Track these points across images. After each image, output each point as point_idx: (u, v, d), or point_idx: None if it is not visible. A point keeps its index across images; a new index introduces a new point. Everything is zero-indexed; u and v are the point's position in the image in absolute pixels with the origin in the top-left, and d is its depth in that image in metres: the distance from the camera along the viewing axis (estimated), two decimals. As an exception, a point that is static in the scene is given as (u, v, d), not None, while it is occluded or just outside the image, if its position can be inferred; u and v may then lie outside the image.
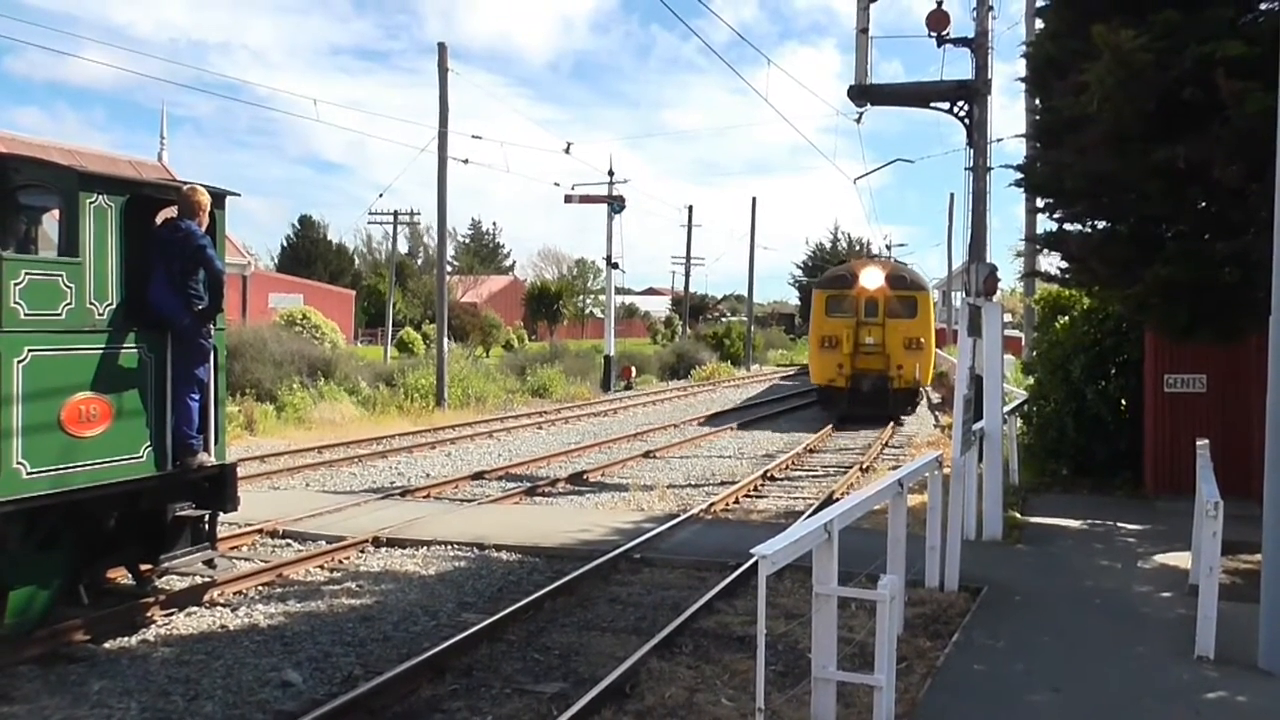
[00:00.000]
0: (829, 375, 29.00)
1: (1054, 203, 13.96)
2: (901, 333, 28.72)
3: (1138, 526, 13.04)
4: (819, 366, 29.65)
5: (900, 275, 30.90)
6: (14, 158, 9.28)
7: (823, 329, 29.45)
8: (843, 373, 28.53)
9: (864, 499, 7.40)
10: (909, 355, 28.44)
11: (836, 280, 30.66)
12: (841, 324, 28.76)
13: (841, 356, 28.43)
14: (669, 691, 7.21)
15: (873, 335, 28.56)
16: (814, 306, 30.49)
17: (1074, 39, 11.37)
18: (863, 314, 28.86)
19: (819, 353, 29.51)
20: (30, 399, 7.55)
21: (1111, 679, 7.34)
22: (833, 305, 29.53)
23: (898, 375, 28.43)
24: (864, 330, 28.72)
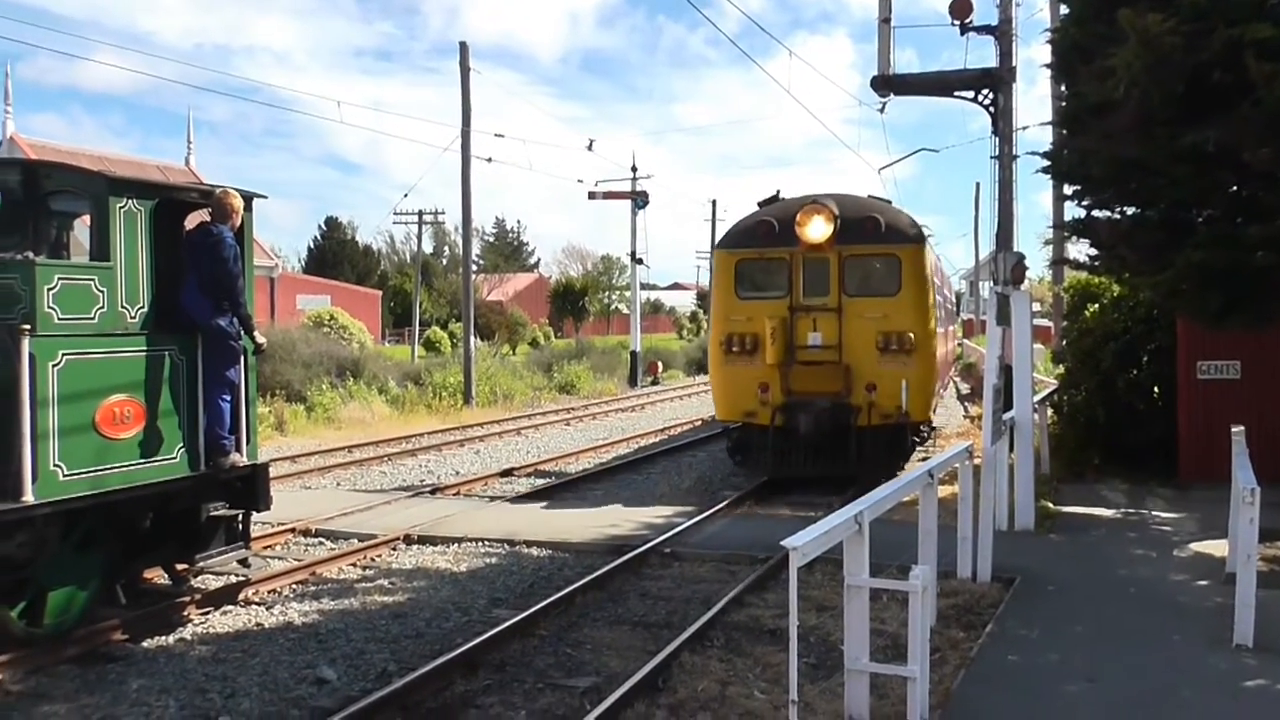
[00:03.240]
0: (743, 405, 15.75)
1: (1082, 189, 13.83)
2: (873, 323, 15.25)
3: (1172, 515, 12.92)
4: (725, 389, 16.13)
5: (868, 218, 15.71)
6: (45, 164, 9.40)
7: (728, 322, 15.97)
8: (766, 400, 15.46)
9: (894, 490, 7.37)
10: (888, 364, 15.15)
11: (753, 233, 16.16)
12: (763, 312, 15.50)
13: (763, 371, 15.41)
14: (701, 685, 7.21)
15: (820, 330, 15.42)
16: (715, 281, 17.13)
17: (1100, 24, 11.24)
18: (801, 291, 15.60)
19: (724, 365, 15.96)
20: (65, 402, 7.64)
21: (1148, 668, 7.28)
22: (747, 278, 16.14)
23: (867, 402, 15.15)
24: (803, 322, 15.52)
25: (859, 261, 15.43)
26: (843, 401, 14.95)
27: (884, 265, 15.45)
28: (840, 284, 15.28)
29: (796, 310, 15.39)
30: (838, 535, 5.95)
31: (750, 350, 15.37)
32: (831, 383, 15.05)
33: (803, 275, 15.42)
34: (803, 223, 15.17)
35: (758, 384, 15.30)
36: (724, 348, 15.69)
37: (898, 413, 14.92)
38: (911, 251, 15.38)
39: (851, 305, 15.20)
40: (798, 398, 15.10)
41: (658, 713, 6.84)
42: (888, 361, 14.92)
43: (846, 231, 15.16)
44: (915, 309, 15.27)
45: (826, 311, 15.24)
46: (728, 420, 16.32)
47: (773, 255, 15.65)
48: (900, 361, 14.91)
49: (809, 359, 15.19)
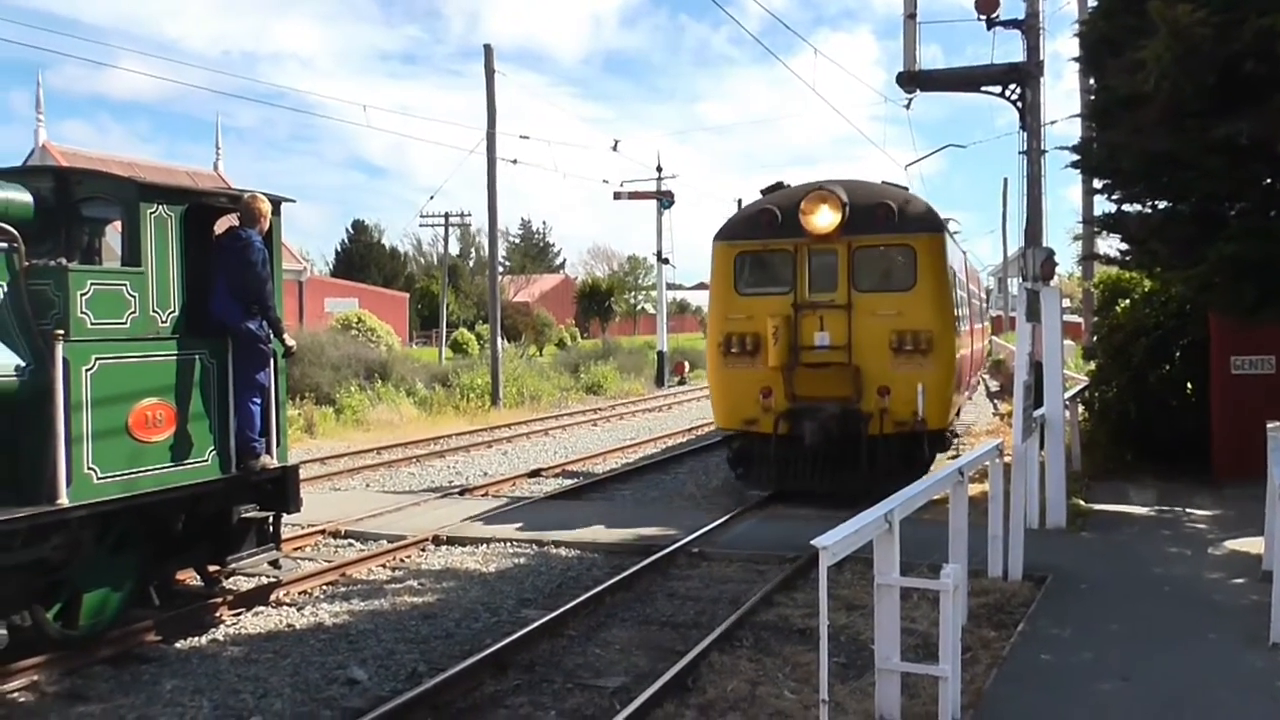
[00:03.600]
0: (743, 412, 14.47)
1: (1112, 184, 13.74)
2: (886, 321, 14.02)
3: (1206, 512, 12.78)
4: (724, 395, 14.86)
5: (879, 205, 14.41)
6: (76, 171, 9.50)
7: (727, 320, 14.74)
8: (769, 406, 14.27)
9: (924, 488, 7.32)
10: (902, 366, 13.91)
11: (754, 223, 15.01)
12: (764, 309, 14.31)
13: (765, 375, 14.25)
14: (731, 685, 7.19)
15: (827, 329, 14.20)
16: (713, 276, 15.35)
17: (1129, 15, 11.16)
18: (806, 286, 14.39)
19: (723, 367, 14.75)
20: (99, 406, 7.71)
21: (1183, 667, 7.20)
22: (748, 272, 14.96)
23: (880, 408, 13.91)
24: (809, 320, 14.24)
25: (870, 253, 14.19)
26: (852, 408, 13.74)
27: (898, 257, 14.21)
28: (850, 278, 14.02)
29: (801, 307, 14.13)
30: (868, 534, 5.93)
31: (751, 351, 14.16)
32: (840, 387, 13.80)
33: (808, 269, 14.23)
34: (808, 211, 13.93)
35: (759, 388, 14.09)
36: (722, 349, 14.47)
37: (913, 420, 13.62)
38: (928, 241, 14.03)
39: (862, 301, 13.92)
40: (803, 403, 13.91)
41: (687, 713, 6.83)
42: (902, 363, 13.67)
43: (856, 220, 13.94)
44: (933, 305, 13.93)
45: (834, 308, 13.99)
46: (727, 428, 14.91)
47: (775, 247, 14.38)
48: (916, 363, 13.63)
49: (815, 361, 13.95)
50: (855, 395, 13.74)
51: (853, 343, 13.84)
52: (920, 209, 14.42)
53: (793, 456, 13.97)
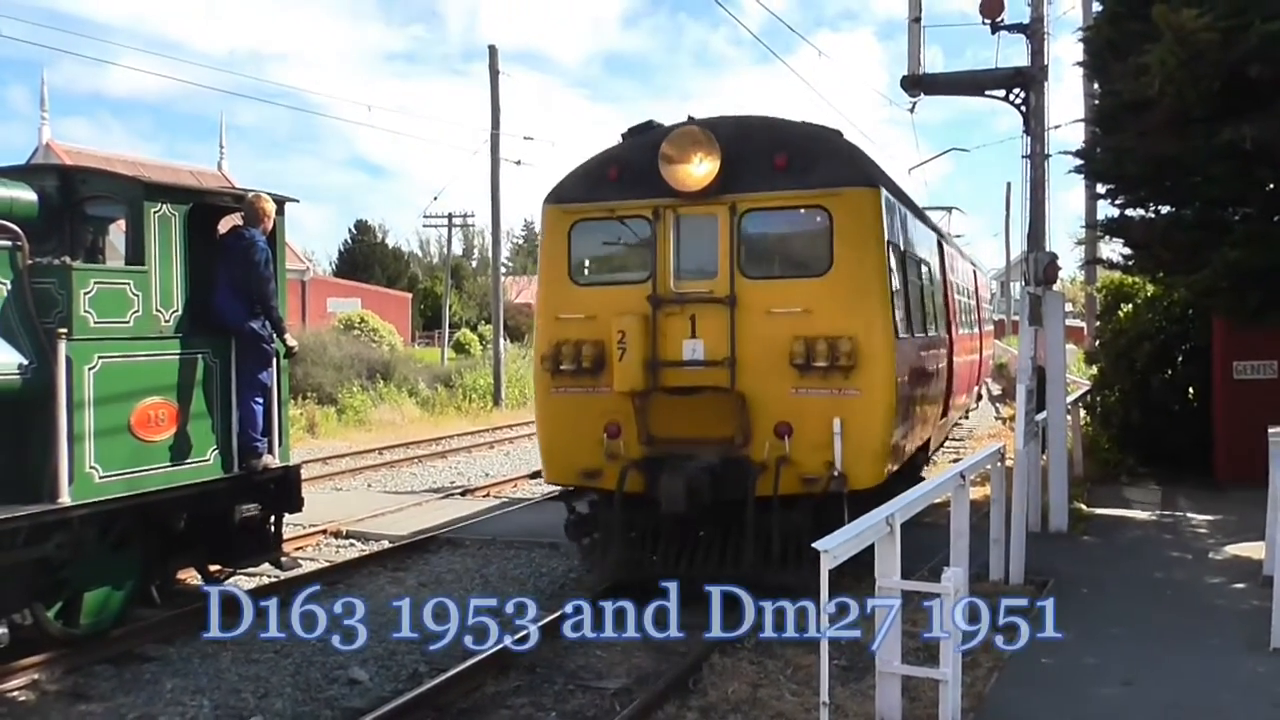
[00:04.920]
0: (578, 459, 9.70)
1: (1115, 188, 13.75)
2: (788, 323, 9.23)
3: (1208, 517, 12.76)
4: (552, 434, 10.07)
5: (776, 148, 9.49)
6: (81, 169, 9.51)
7: (556, 323, 9.95)
8: (616, 452, 9.54)
9: (925, 491, 7.32)
10: (813, 391, 9.14)
11: (597, 177, 10.02)
12: (610, 306, 9.67)
13: (611, 404, 9.55)
14: (732, 686, 7.18)
15: (701, 336, 9.44)
16: (541, 256, 10.30)
17: (1134, 20, 11.16)
18: (671, 271, 9.62)
19: (550, 393, 9.90)
20: (101, 405, 7.73)
21: (1185, 672, 7.19)
22: (588, 251, 10.29)
23: (777, 455, 9.15)
24: (674, 322, 9.52)
25: (764, 220, 9.54)
26: (736, 455, 9.10)
27: (806, 225, 9.57)
28: (734, 257, 9.27)
29: (664, 302, 9.33)
30: (869, 537, 5.92)
31: (590, 369, 9.38)
32: (717, 423, 9.17)
33: (674, 244, 9.45)
34: (671, 156, 9.25)
35: (603, 424, 9.39)
36: (549, 366, 9.59)
37: (827, 474, 8.91)
38: (852, 201, 9.21)
39: (753, 293, 9.21)
40: (664, 447, 9.23)
41: (689, 714, 6.83)
42: (812, 387, 8.96)
43: (743, 170, 9.21)
44: (859, 297, 9.12)
45: (711, 303, 9.25)
46: (558, 483, 10.08)
47: (626, 212, 9.58)
48: (833, 386, 8.92)
49: (683, 383, 9.26)
50: (740, 436, 9.09)
51: (738, 356, 9.12)
52: (840, 152, 9.72)
53: (647, 528, 9.36)
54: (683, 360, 9.36)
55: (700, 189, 9.32)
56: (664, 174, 9.37)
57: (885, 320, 9.25)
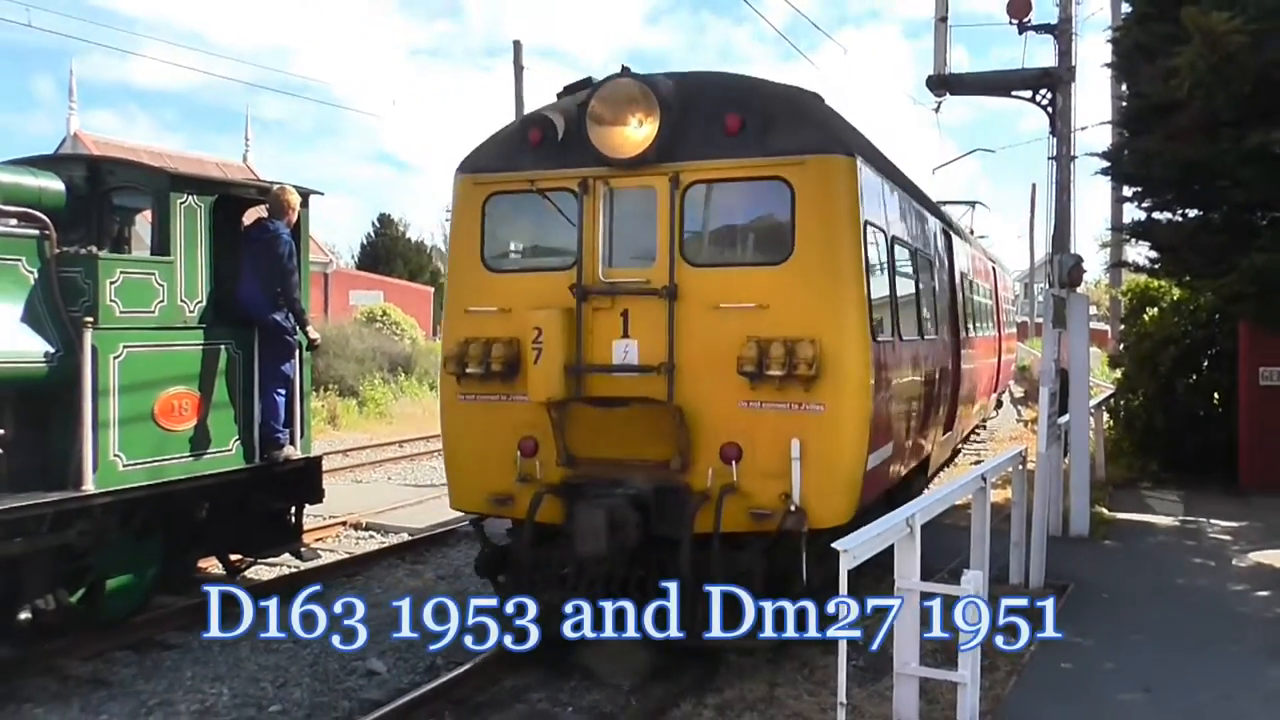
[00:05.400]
0: (488, 481, 8.03)
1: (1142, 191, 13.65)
2: (738, 321, 7.51)
3: (1232, 523, 12.65)
4: (458, 449, 8.34)
5: (727, 108, 7.68)
6: (108, 160, 9.58)
7: (464, 320, 8.28)
8: (531, 474, 7.89)
9: (946, 493, 7.29)
10: (767, 405, 7.41)
11: (516, 143, 8.32)
12: (527, 297, 8.04)
13: (527, 416, 7.90)
14: (748, 685, 7.18)
15: (635, 336, 7.79)
16: (452, 235, 8.73)
17: (1163, 22, 11.07)
18: (600, 256, 7.93)
19: (456, 402, 8.22)
20: (125, 393, 7.79)
21: (1206, 679, 7.13)
22: (503, 230, 8.66)
23: (722, 484, 7.41)
24: (602, 318, 7.87)
25: (711, 194, 7.94)
26: (671, 482, 7.54)
27: (762, 201, 7.96)
28: (675, 239, 7.72)
29: (591, 294, 7.83)
30: (889, 538, 5.91)
31: (502, 373, 7.90)
32: (650, 442, 7.62)
33: (604, 223, 7.92)
34: (601, 117, 7.81)
35: (517, 439, 7.92)
36: (455, 369, 8.08)
37: (783, 509, 7.29)
38: (820, 171, 7.56)
39: (696, 283, 7.65)
40: (587, 471, 7.76)
41: (705, 712, 6.83)
42: (766, 400, 7.39)
43: (688, 134, 7.72)
44: (826, 289, 7.50)
45: (647, 296, 7.71)
46: (465, 510, 8.54)
47: (549, 183, 8.05)
48: (791, 399, 7.35)
49: (611, 393, 7.74)
50: (678, 459, 7.51)
51: (678, 360, 7.59)
52: (806, 114, 7.98)
53: (563, 572, 7.63)
54: (612, 365, 7.76)
55: (636, 156, 7.71)
56: (592, 138, 7.80)
57: (858, 319, 7.49)
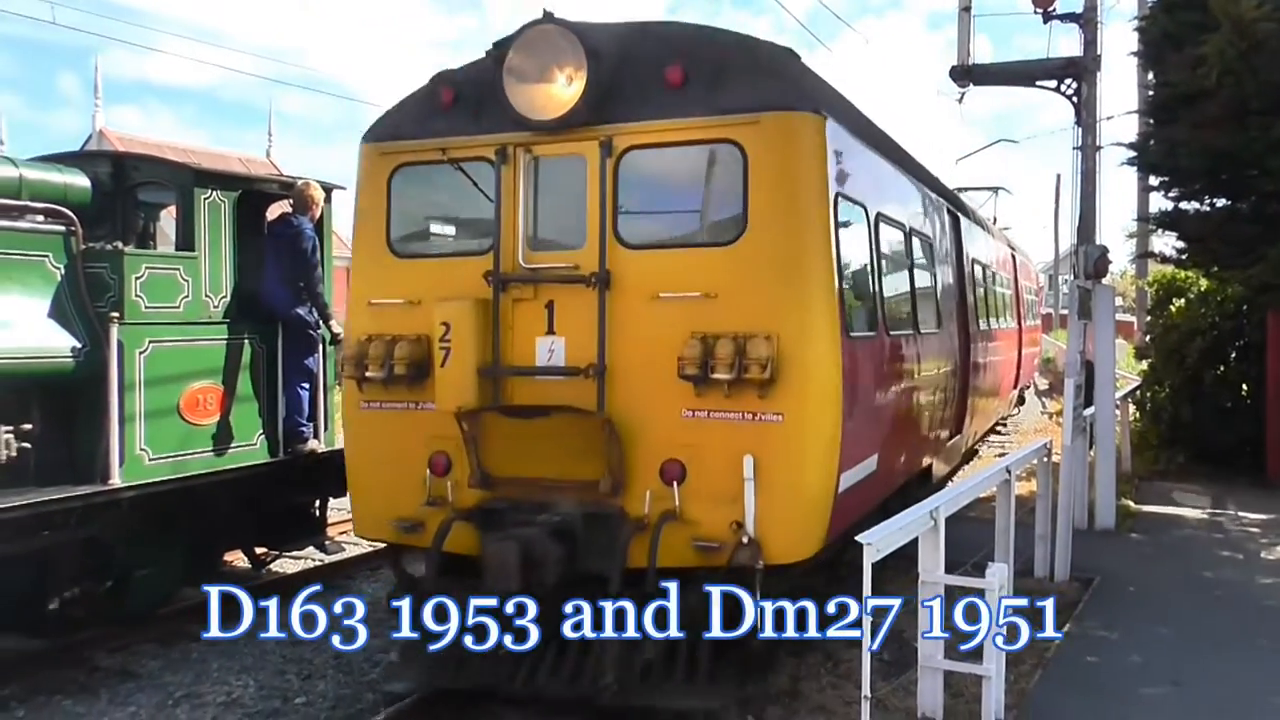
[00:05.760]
0: (394, 504, 6.94)
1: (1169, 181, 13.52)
2: (681, 313, 6.36)
3: (1260, 516, 12.54)
4: (361, 465, 7.23)
5: (665, 59, 6.48)
6: (133, 156, 9.64)
7: (368, 311, 7.18)
8: (442, 495, 6.81)
9: (971, 486, 7.25)
10: (715, 415, 6.28)
11: (426, 106, 7.17)
12: (437, 286, 6.89)
13: (437, 427, 6.76)
14: (772, 678, 7.16)
15: (561, 332, 6.69)
16: (356, 215, 7.40)
17: (1191, 10, 10.97)
18: (520, 238, 6.78)
19: (358, 408, 7.15)
20: (151, 388, 7.84)
21: (1234, 673, 7.07)
22: (412, 208, 7.40)
23: (661, 511, 6.30)
24: (524, 311, 6.75)
25: (651, 161, 6.69)
26: (602, 507, 6.47)
27: (709, 169, 6.72)
28: (607, 217, 6.58)
29: (510, 282, 6.75)
30: (913, 531, 5.88)
31: (409, 377, 6.84)
32: (578, 459, 6.50)
33: (525, 199, 6.82)
34: (520, 71, 6.64)
35: (428, 454, 6.89)
36: (354, 372, 7.02)
37: (733, 541, 6.22)
38: (779, 131, 6.39)
39: (633, 269, 6.54)
40: (506, 492, 6.70)
41: (729, 706, 6.81)
42: (713, 408, 6.30)
43: (623, 90, 6.59)
44: (786, 275, 6.35)
45: (575, 285, 6.60)
46: (369, 537, 7.54)
47: (463, 152, 6.94)
48: (743, 407, 6.26)
49: (536, 399, 6.65)
50: (609, 480, 6.40)
51: (609, 361, 6.50)
52: (763, 64, 6.66)
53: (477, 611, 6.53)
54: (534, 367, 6.67)
55: (561, 117, 6.54)
56: (510, 96, 6.62)
57: (826, 311, 6.32)
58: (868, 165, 7.75)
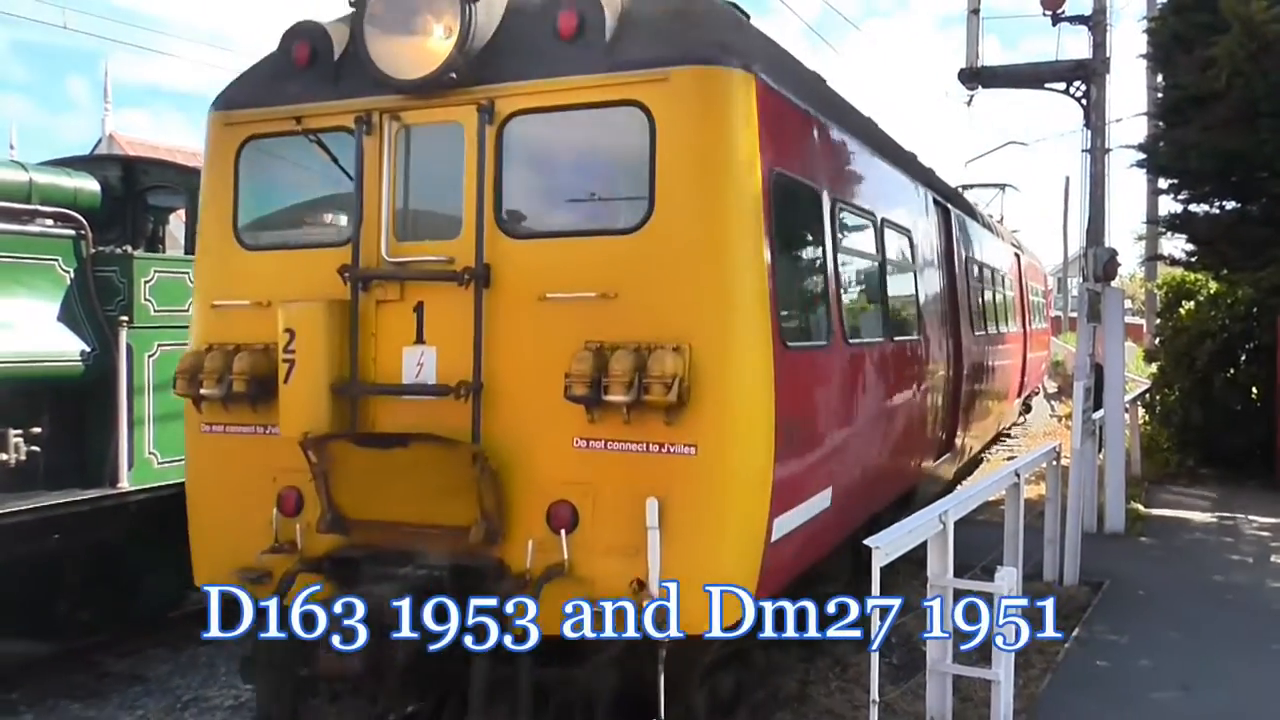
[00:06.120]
0: (236, 549, 5.72)
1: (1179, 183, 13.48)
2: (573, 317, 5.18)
3: (1271, 519, 12.48)
4: (198, 501, 6.09)
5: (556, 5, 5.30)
6: (143, 160, 9.67)
7: (210, 317, 6.05)
8: (290, 542, 5.63)
9: (979, 489, 7.23)
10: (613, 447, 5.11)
11: (279, 68, 5.95)
12: (286, 284, 5.74)
13: (283, 454, 5.57)
14: (780, 683, 7.15)
15: (433, 340, 5.48)
16: (202, 199, 6.25)
17: (1200, 11, 10.94)
18: (386, 226, 5.62)
19: (198, 435, 5.98)
20: (160, 392, 7.84)
21: (1245, 677, 7.04)
22: (261, 190, 6.15)
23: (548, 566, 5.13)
24: (388, 314, 5.57)
25: (541, 129, 5.58)
26: (476, 560, 5.37)
27: (607, 139, 5.63)
28: (487, 200, 5.47)
29: (371, 280, 5.65)
30: (921, 534, 5.86)
31: (252, 395, 5.74)
32: (448, 500, 5.33)
33: (391, 177, 5.73)
34: (382, 20, 5.59)
35: (275, 490, 5.77)
36: (187, 388, 5.89)
37: (635, 606, 5.04)
38: (693, 90, 5.23)
39: (517, 263, 5.43)
40: (366, 539, 5.58)
41: (737, 710, 6.80)
42: (611, 437, 5.16)
43: (506, 44, 5.54)
44: (703, 267, 5.18)
45: (446, 280, 5.48)
46: (214, 584, 6.12)
47: (319, 120, 5.84)
48: (648, 437, 5.11)
49: (400, 424, 5.55)
50: (482, 527, 5.27)
51: (487, 378, 5.41)
52: (675, 9, 5.57)
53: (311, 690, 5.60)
54: (401, 384, 5.53)
55: (430, 75, 5.41)
56: (372, 50, 5.54)
57: (753, 315, 5.20)
58: (822, 140, 6.55)
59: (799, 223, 6.15)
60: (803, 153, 6.15)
